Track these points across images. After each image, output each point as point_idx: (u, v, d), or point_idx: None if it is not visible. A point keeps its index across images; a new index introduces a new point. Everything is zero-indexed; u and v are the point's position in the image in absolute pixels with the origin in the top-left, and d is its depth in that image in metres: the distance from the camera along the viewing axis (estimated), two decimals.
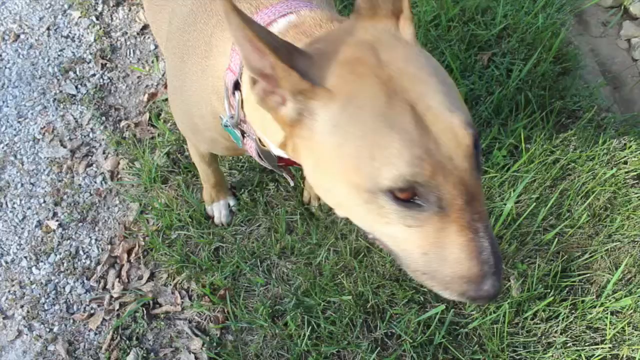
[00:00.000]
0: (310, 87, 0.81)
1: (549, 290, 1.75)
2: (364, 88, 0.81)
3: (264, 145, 1.06)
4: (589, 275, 1.80)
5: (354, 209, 0.85)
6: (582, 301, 1.75)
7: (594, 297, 1.77)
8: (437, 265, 0.82)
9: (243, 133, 1.09)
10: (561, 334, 1.71)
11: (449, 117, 0.79)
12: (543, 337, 1.71)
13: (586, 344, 1.70)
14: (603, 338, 1.71)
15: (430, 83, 0.82)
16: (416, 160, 0.76)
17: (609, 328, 1.71)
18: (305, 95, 0.82)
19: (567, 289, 1.78)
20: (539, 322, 1.73)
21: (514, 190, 1.85)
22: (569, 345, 1.69)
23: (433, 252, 0.82)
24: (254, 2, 1.06)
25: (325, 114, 0.82)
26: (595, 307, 1.74)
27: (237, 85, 1.00)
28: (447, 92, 0.82)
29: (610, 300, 1.74)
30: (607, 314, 1.73)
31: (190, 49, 1.15)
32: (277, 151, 1.04)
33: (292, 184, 1.77)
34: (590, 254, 1.82)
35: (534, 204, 1.85)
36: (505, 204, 1.81)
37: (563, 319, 1.72)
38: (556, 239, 1.81)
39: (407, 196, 0.79)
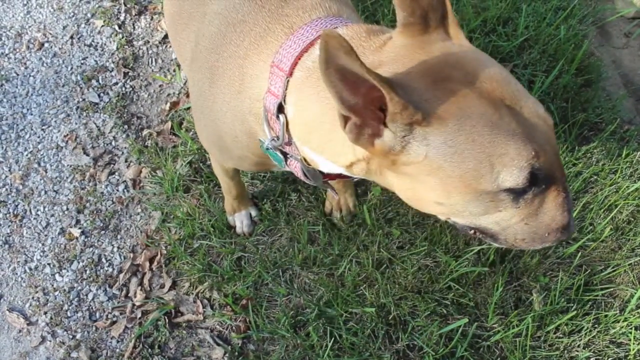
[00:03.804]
0: (422, 117, 0.84)
1: (572, 304, 1.74)
2: (470, 106, 0.86)
3: (310, 165, 1.07)
4: (612, 289, 1.79)
5: (466, 211, 0.93)
6: (605, 315, 1.74)
7: (617, 311, 1.76)
8: (537, 229, 0.96)
9: (284, 154, 1.09)
10: (584, 348, 1.70)
11: (538, 110, 0.89)
12: (566, 352, 1.70)
13: (609, 359, 1.69)
14: (627, 353, 1.70)
15: (513, 83, 0.89)
16: (530, 155, 0.85)
17: (633, 343, 1.70)
18: (415, 125, 0.85)
19: (590, 303, 1.77)
20: (561, 336, 1.72)
21: None
22: None
23: (533, 220, 0.95)
24: (287, 23, 1.06)
25: (439, 139, 0.86)
26: (618, 321, 1.73)
27: (280, 108, 1.01)
28: (522, 87, 0.91)
29: (634, 315, 1.73)
30: (631, 328, 1.72)
31: (220, 70, 1.15)
32: (326, 168, 1.05)
33: (336, 197, 1.79)
34: (613, 267, 1.81)
35: None
36: None
37: (586, 333, 1.71)
38: (579, 253, 1.81)
39: (526, 183, 0.88)
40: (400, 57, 0.92)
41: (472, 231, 1.01)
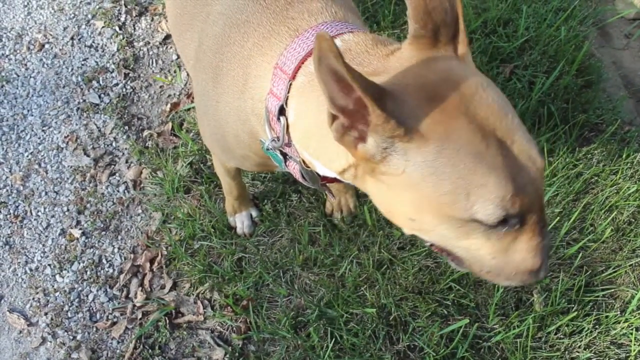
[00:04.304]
0: (404, 133, 0.83)
1: (573, 305, 1.74)
2: (457, 129, 0.84)
3: (308, 167, 1.07)
4: (612, 290, 1.79)
5: (435, 231, 0.91)
6: (606, 316, 1.74)
7: (618, 312, 1.76)
8: (504, 265, 0.95)
9: (284, 155, 1.09)
10: (585, 349, 1.70)
11: (529, 148, 0.87)
12: (566, 352, 1.70)
13: None
14: (628, 354, 1.70)
15: (510, 116, 0.87)
16: (508, 195, 0.84)
17: (634, 344, 1.69)
18: (396, 139, 0.84)
19: (590, 304, 1.77)
20: (562, 336, 1.72)
21: None
22: None
23: (501, 256, 0.93)
24: (292, 25, 1.06)
25: (419, 157, 0.84)
26: (619, 322, 1.73)
27: (281, 111, 1.01)
28: (519, 122, 0.89)
29: (635, 316, 1.73)
30: (632, 329, 1.72)
31: (224, 71, 1.15)
32: (322, 172, 1.05)
33: (334, 200, 1.79)
34: (614, 268, 1.81)
35: (557, 218, 1.84)
36: None
37: (587, 334, 1.71)
38: (580, 254, 1.81)
39: (498, 221, 0.86)
40: (403, 68, 0.91)
41: (438, 250, 1.00)
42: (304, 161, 1.06)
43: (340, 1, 1.12)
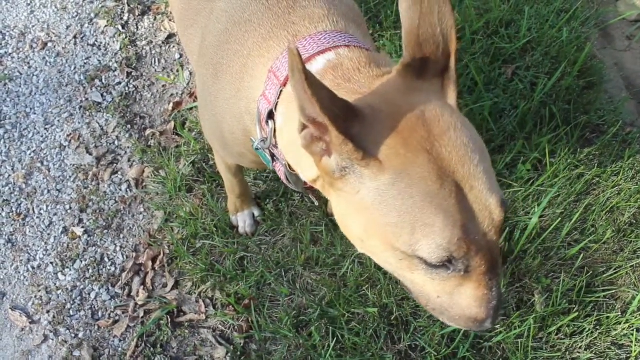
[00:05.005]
0: (362, 157, 0.83)
1: (574, 306, 1.75)
2: (415, 165, 0.83)
3: (293, 170, 1.07)
4: (613, 291, 1.80)
5: (381, 256, 0.92)
6: (607, 317, 1.74)
7: (619, 313, 1.76)
8: (448, 307, 0.94)
9: (273, 156, 1.10)
10: (586, 349, 1.71)
11: (488, 198, 0.85)
12: (567, 353, 1.71)
13: None
14: (628, 355, 1.71)
15: (475, 162, 0.86)
16: (454, 240, 0.83)
17: (635, 345, 1.70)
18: (356, 162, 0.84)
19: (591, 304, 1.77)
20: (563, 337, 1.72)
21: (538, 205, 1.85)
22: None
23: (447, 298, 0.93)
24: (292, 31, 1.06)
25: (373, 184, 0.85)
26: (620, 323, 1.74)
27: (270, 115, 1.02)
28: (487, 169, 0.87)
29: (635, 317, 1.74)
30: (633, 330, 1.72)
31: (224, 67, 1.16)
32: (302, 177, 1.05)
33: (317, 204, 1.80)
34: (615, 269, 1.82)
35: (559, 218, 1.85)
36: (530, 218, 1.81)
37: (588, 334, 1.72)
38: (581, 255, 1.81)
39: (441, 264, 0.86)
40: (385, 93, 0.90)
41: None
42: (289, 165, 1.07)
43: (342, 10, 1.12)
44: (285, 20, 1.08)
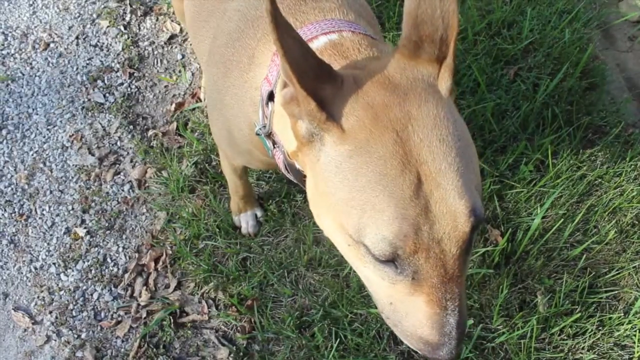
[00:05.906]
0: (324, 120, 0.80)
1: (576, 307, 1.75)
2: (378, 143, 0.78)
3: (291, 158, 1.07)
4: (616, 291, 1.80)
5: (336, 240, 0.86)
6: (610, 318, 1.75)
7: (622, 314, 1.76)
8: (400, 318, 0.85)
9: (274, 143, 1.10)
10: (588, 350, 1.71)
11: (455, 203, 0.77)
12: (570, 354, 1.71)
13: None
14: (631, 356, 1.71)
15: (449, 159, 0.78)
16: (401, 235, 0.76)
17: (637, 345, 1.70)
18: (318, 124, 0.81)
19: (594, 305, 1.77)
20: (565, 338, 1.72)
21: (540, 206, 1.85)
22: None
23: (399, 306, 0.84)
24: (300, 17, 1.07)
25: (332, 151, 0.81)
26: (622, 324, 1.74)
27: (271, 96, 1.01)
28: (464, 172, 0.79)
29: (638, 318, 1.74)
30: (636, 331, 1.72)
31: (233, 63, 1.17)
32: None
33: None
34: (617, 270, 1.82)
35: (561, 219, 1.85)
36: (532, 219, 1.82)
37: (590, 335, 1.72)
38: (583, 255, 1.81)
39: (385, 258, 0.79)
40: (373, 70, 0.86)
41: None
42: (289, 154, 1.07)
43: (355, 7, 1.11)
44: (295, 10, 1.09)
